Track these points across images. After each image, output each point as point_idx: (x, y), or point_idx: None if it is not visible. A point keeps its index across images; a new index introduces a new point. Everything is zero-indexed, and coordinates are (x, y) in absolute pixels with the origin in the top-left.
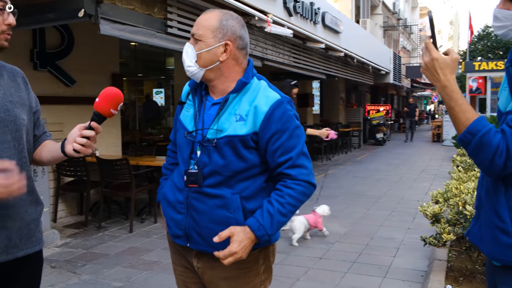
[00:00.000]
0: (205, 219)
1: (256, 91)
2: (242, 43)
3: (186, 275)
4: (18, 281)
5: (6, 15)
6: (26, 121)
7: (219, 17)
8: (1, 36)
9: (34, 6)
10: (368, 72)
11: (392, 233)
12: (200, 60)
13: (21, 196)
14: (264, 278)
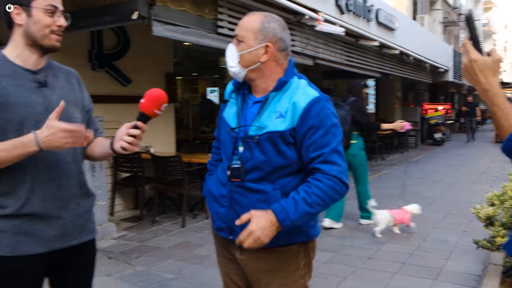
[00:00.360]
0: (246, 213)
1: (295, 89)
2: (283, 44)
3: (229, 267)
4: (72, 267)
5: (57, 17)
6: (80, 120)
7: (261, 20)
8: (51, 36)
9: (92, 10)
10: (426, 70)
11: (446, 236)
12: (242, 61)
13: (74, 189)
14: (304, 272)
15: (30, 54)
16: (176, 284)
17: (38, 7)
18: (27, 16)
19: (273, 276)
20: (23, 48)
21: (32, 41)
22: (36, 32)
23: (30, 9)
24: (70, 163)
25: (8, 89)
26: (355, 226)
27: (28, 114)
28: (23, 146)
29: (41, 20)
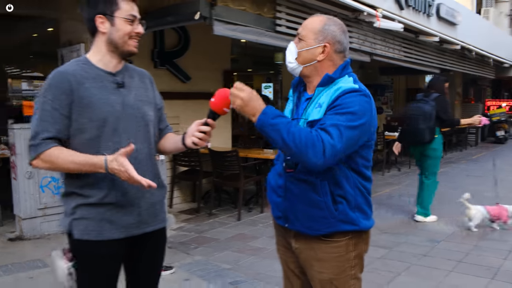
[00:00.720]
0: (299, 202)
1: (340, 84)
2: (341, 47)
3: (286, 255)
4: (146, 252)
5: (136, 25)
6: (153, 117)
7: (323, 22)
8: (130, 42)
9: (155, 11)
10: (489, 65)
11: (505, 236)
12: (300, 58)
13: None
14: (354, 264)
15: (111, 58)
16: (233, 274)
17: (120, 16)
18: (110, 25)
19: (324, 265)
20: (105, 53)
21: (114, 47)
22: (118, 39)
23: (113, 19)
24: (146, 156)
25: (92, 91)
26: (411, 223)
27: (109, 113)
28: (93, 166)
29: (123, 29)
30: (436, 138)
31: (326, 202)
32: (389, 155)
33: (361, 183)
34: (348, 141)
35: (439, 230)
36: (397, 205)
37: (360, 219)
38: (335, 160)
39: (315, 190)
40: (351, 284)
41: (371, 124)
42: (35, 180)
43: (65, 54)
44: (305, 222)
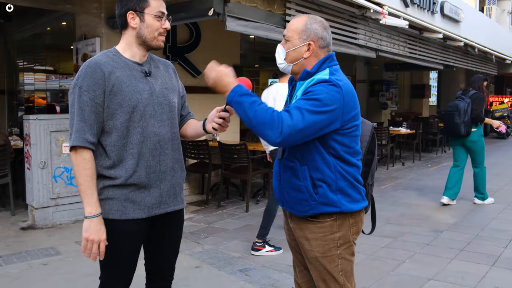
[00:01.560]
0: (286, 186)
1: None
2: (324, 42)
3: (289, 233)
4: (166, 230)
5: (163, 21)
6: (177, 104)
7: (304, 21)
8: (159, 37)
9: (169, 7)
10: (491, 62)
11: (506, 226)
12: (288, 58)
13: (170, 164)
14: (339, 244)
15: (138, 50)
16: (242, 262)
17: (150, 13)
18: (140, 21)
19: (312, 244)
20: (133, 46)
21: (142, 41)
22: (147, 35)
23: (143, 15)
24: (168, 141)
25: (122, 79)
26: (415, 214)
27: (137, 100)
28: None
29: (152, 25)
30: (473, 132)
31: (306, 186)
32: (393, 150)
33: (343, 168)
34: (311, 124)
35: (442, 220)
36: (401, 197)
37: (343, 201)
38: (295, 139)
39: (296, 175)
40: (338, 263)
41: (344, 113)
42: (48, 170)
43: (80, 47)
44: (292, 204)
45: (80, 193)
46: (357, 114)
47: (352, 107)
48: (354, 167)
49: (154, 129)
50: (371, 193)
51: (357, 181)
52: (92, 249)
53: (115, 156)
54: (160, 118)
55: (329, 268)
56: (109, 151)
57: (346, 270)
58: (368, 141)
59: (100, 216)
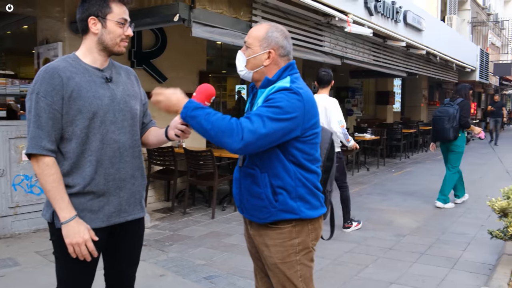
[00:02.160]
0: (246, 193)
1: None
2: (284, 51)
3: (249, 241)
4: (126, 239)
5: (126, 28)
6: (139, 110)
7: (266, 29)
8: (121, 43)
9: (134, 12)
10: (452, 70)
11: (465, 229)
12: (249, 64)
13: (130, 171)
14: (298, 250)
15: (99, 56)
16: (207, 269)
17: (112, 19)
18: (102, 26)
19: (271, 250)
20: (94, 51)
21: (104, 47)
22: (109, 41)
23: (106, 21)
24: (129, 148)
25: (81, 84)
26: (378, 219)
27: (97, 106)
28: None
29: (114, 31)
30: (459, 136)
31: (266, 193)
32: (358, 156)
33: (303, 175)
34: (272, 131)
35: (405, 225)
36: (366, 202)
37: (302, 208)
38: (256, 145)
39: (256, 182)
40: (297, 269)
41: (304, 120)
42: (7, 178)
43: (42, 52)
44: (251, 212)
45: (50, 200)
46: (317, 122)
47: (312, 115)
48: (314, 174)
49: (114, 136)
50: (330, 199)
51: (316, 188)
52: (81, 251)
53: (73, 163)
54: (121, 125)
55: (289, 274)
56: (67, 157)
57: (305, 276)
58: (328, 148)
59: (76, 217)
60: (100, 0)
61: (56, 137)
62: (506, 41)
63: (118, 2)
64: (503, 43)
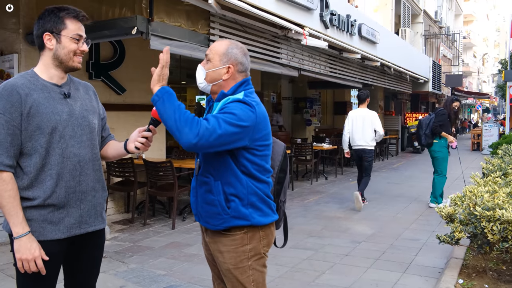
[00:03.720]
0: (202, 201)
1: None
2: (242, 67)
3: (206, 248)
4: (86, 251)
5: (81, 44)
6: (97, 125)
7: (227, 46)
8: (74, 58)
9: (92, 24)
10: (406, 81)
11: (417, 235)
12: (208, 77)
13: (91, 184)
14: (250, 256)
15: (56, 72)
16: (168, 279)
17: (67, 35)
18: (57, 42)
19: (224, 256)
20: (51, 67)
21: (59, 62)
22: (63, 56)
23: (60, 37)
24: (89, 161)
25: (39, 101)
26: (335, 227)
27: (56, 122)
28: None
29: (68, 47)
30: (435, 143)
31: (219, 200)
32: (317, 165)
33: (254, 185)
34: (225, 132)
35: (361, 232)
36: (324, 211)
37: (254, 215)
38: (208, 143)
39: (211, 190)
40: (250, 274)
41: (255, 131)
42: None
43: None
44: (206, 218)
45: (5, 215)
46: (268, 134)
47: (263, 127)
48: (265, 183)
49: (74, 150)
50: (284, 209)
51: (267, 196)
52: (30, 267)
53: (33, 177)
54: (80, 139)
55: (241, 279)
56: (27, 172)
57: (258, 281)
58: (281, 160)
59: (29, 234)
60: (55, 17)
61: (15, 153)
62: (457, 53)
63: (72, 19)
64: (455, 55)
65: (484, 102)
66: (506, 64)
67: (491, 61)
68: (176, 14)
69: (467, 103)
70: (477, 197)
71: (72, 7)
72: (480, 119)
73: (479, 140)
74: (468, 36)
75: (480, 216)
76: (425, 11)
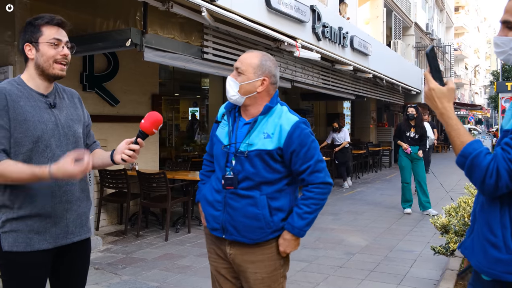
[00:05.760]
0: (239, 215)
1: (279, 114)
2: (275, 79)
3: (218, 261)
4: (73, 260)
5: (61, 48)
6: (82, 134)
7: (260, 57)
8: (55, 65)
9: (86, 36)
10: (398, 93)
11: (412, 247)
12: (242, 90)
13: (76, 194)
14: (283, 262)
15: (41, 81)
16: None
17: (44, 42)
18: (36, 51)
19: (258, 266)
20: (35, 77)
21: (41, 71)
22: (43, 63)
23: (38, 45)
24: None
25: (26, 109)
26: (329, 238)
27: (42, 131)
28: (36, 178)
29: (46, 53)
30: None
31: (264, 214)
32: None
33: (292, 196)
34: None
35: (355, 243)
36: (317, 222)
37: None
38: None
39: (255, 204)
40: (280, 282)
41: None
42: None
43: None
44: (244, 233)
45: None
46: None
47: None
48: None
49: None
50: None
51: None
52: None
53: (16, 186)
54: (65, 148)
55: (273, 287)
56: None
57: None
58: None
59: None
60: (31, 26)
61: (7, 146)
62: (449, 65)
63: (48, 25)
64: (446, 67)
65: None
66: (498, 76)
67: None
68: (169, 26)
69: (460, 115)
70: (470, 208)
71: (48, 14)
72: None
73: None
74: (460, 48)
75: None
76: (416, 24)
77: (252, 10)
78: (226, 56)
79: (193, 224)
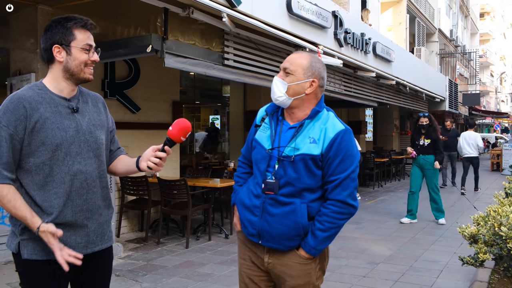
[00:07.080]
0: (276, 222)
1: (326, 120)
2: (323, 82)
3: (252, 269)
4: (94, 270)
5: (92, 54)
6: (104, 140)
7: (310, 59)
8: (85, 69)
9: (108, 43)
10: (422, 100)
11: (438, 257)
12: (290, 91)
13: (98, 202)
14: (318, 276)
15: (66, 85)
16: None
17: (77, 46)
18: (67, 54)
19: (295, 279)
20: (61, 80)
21: (70, 75)
22: (74, 68)
23: (70, 48)
24: (96, 179)
25: (46, 116)
26: (352, 247)
27: (63, 138)
28: (26, 222)
29: (79, 58)
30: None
31: (303, 222)
32: None
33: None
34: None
35: (379, 253)
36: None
37: None
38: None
39: (295, 211)
40: (316, 285)
41: None
42: None
43: (15, 83)
44: (280, 240)
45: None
46: None
47: None
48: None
49: (81, 167)
50: None
51: None
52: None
53: (37, 195)
54: (86, 155)
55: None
56: (30, 189)
57: None
58: None
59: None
60: (63, 28)
61: (14, 167)
62: (474, 72)
63: (81, 29)
64: (471, 74)
65: (502, 122)
66: None
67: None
68: (190, 32)
69: (485, 123)
70: (502, 217)
71: (80, 16)
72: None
73: (498, 160)
74: (485, 55)
75: (506, 236)
76: (440, 30)
77: (273, 16)
78: (247, 62)
79: (214, 231)
